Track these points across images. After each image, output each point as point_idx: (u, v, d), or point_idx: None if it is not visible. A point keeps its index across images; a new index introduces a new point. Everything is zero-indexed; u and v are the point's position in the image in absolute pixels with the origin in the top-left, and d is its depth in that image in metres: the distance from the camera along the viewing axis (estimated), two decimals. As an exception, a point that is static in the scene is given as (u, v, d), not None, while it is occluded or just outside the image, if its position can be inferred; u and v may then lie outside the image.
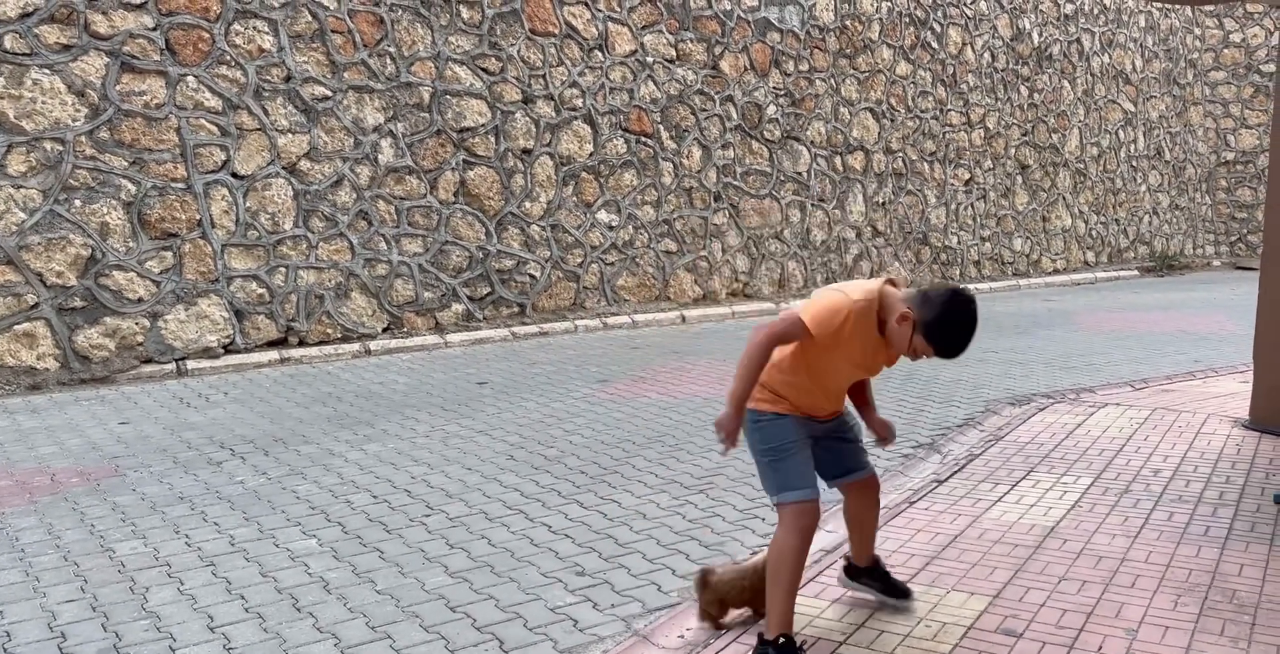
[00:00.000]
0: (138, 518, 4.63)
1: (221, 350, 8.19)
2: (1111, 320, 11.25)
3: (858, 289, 3.06)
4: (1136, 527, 4.37)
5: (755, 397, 3.16)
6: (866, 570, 3.57)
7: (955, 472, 5.22)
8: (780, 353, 3.15)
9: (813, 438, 3.24)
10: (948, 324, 2.93)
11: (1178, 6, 17.88)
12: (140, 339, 7.80)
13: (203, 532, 4.45)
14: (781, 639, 3.04)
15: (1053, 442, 5.78)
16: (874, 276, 13.37)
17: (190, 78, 8.06)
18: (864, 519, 3.49)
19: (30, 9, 7.37)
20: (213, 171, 8.17)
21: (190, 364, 7.93)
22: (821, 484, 3.30)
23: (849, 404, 3.42)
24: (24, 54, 7.35)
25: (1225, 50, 18.69)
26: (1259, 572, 3.86)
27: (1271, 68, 18.24)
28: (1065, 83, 16.15)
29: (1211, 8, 18.51)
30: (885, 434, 3.40)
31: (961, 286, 2.99)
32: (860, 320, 3.01)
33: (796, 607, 3.25)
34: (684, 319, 10.95)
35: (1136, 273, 17.02)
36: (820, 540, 4.30)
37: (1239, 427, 6.05)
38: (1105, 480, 5.03)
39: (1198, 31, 18.71)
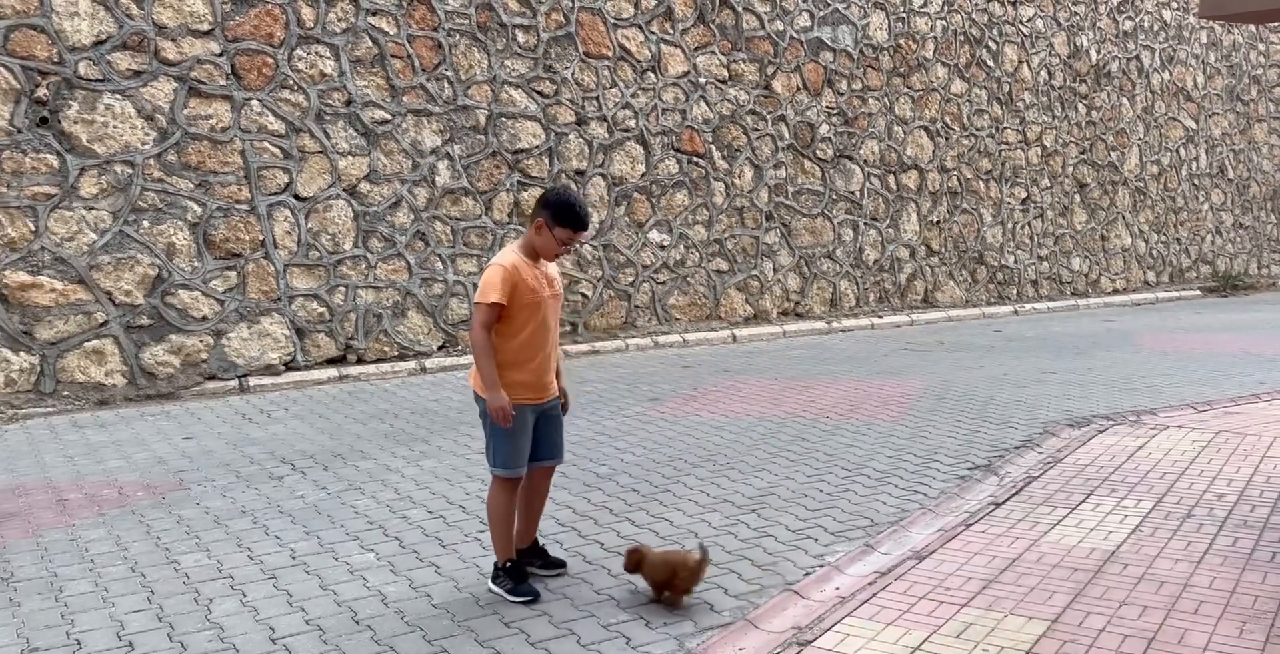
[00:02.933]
0: (202, 531, 4.74)
1: (283, 368, 8.35)
2: (1173, 341, 11.03)
3: (503, 253, 3.90)
4: (1200, 552, 4.28)
5: (481, 386, 3.84)
6: (529, 550, 4.14)
7: (1013, 494, 5.16)
8: (500, 343, 3.84)
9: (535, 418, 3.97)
10: (564, 204, 3.82)
11: (1241, 23, 17.56)
12: (204, 356, 7.99)
13: (264, 545, 4.55)
14: (508, 563, 3.96)
15: (1113, 464, 5.69)
16: (929, 297, 13.19)
17: (254, 102, 8.28)
18: (539, 502, 4.18)
19: (104, 37, 7.64)
20: (276, 193, 8.38)
21: (252, 381, 8.11)
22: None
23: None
24: (97, 80, 7.62)
25: (1290, 66, 18.30)
26: (1328, 599, 3.76)
27: (1339, 83, 17.82)
28: (1124, 100, 15.93)
29: (1277, 22, 18.15)
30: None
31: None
32: (516, 265, 3.82)
33: (855, 629, 3.32)
34: (735, 338, 10.95)
35: (1199, 293, 16.67)
36: (874, 562, 4.28)
37: (1307, 450, 5.91)
38: (1167, 504, 4.94)
39: (1261, 47, 18.35)
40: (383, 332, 8.90)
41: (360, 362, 8.77)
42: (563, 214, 3.81)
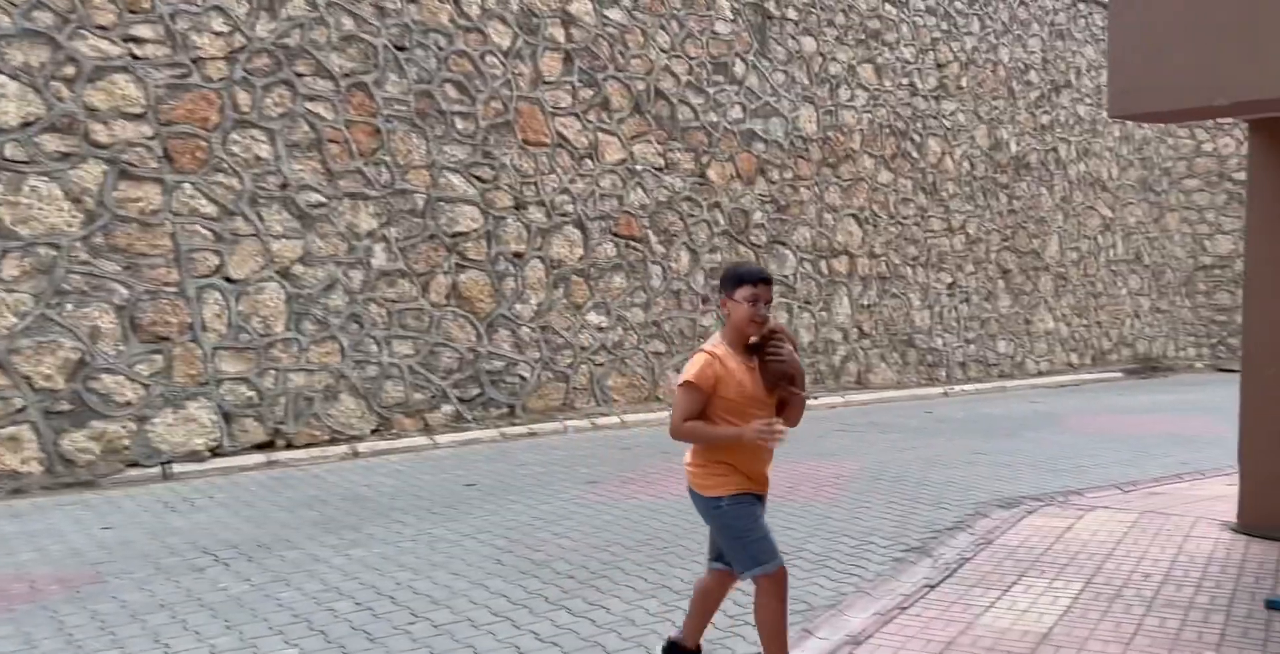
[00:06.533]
0: (117, 626, 4.54)
1: (208, 453, 8.13)
2: (1098, 422, 11.29)
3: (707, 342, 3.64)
4: (1129, 633, 4.32)
5: (703, 484, 3.57)
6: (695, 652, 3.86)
7: (946, 576, 5.18)
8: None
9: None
10: (728, 269, 3.63)
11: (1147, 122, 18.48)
12: (127, 442, 7.76)
13: (183, 641, 4.36)
14: None
15: (1043, 545, 5.75)
16: (861, 379, 13.34)
17: (186, 185, 8.24)
18: (717, 604, 3.86)
19: (32, 118, 7.58)
20: (206, 276, 8.28)
21: (176, 468, 7.87)
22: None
23: None
24: (23, 162, 7.53)
25: (1198, 159, 19.27)
26: (1255, 679, 3.81)
27: (1244, 176, 18.78)
28: (1043, 190, 16.60)
29: (1175, 123, 19.14)
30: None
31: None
32: (723, 355, 3.51)
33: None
34: (673, 421, 10.93)
35: (1121, 375, 17.15)
36: (812, 648, 4.24)
37: (1227, 530, 6.04)
38: (1096, 585, 4.99)
39: (1170, 141, 19.32)
40: (313, 415, 8.75)
41: (289, 446, 8.57)
42: (731, 277, 3.54)
